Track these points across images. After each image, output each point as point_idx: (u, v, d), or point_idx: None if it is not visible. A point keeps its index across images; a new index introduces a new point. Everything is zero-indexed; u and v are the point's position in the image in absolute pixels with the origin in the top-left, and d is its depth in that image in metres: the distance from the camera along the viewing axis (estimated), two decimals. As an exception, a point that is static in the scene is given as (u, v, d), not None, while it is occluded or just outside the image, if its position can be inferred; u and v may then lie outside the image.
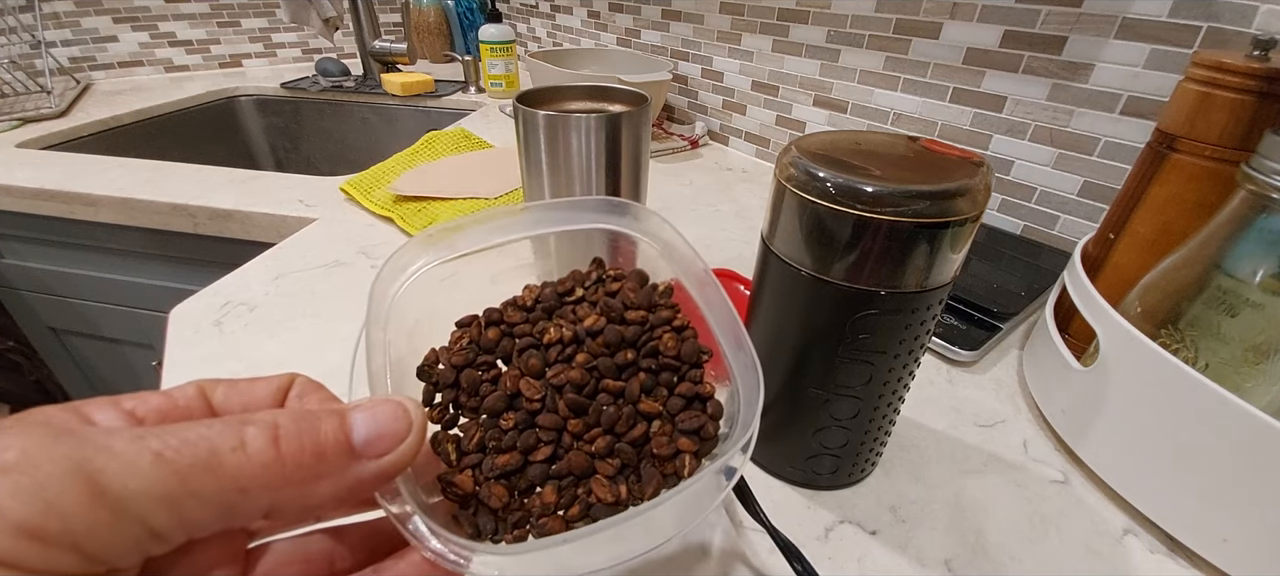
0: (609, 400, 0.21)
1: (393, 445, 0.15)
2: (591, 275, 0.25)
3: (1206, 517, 0.29)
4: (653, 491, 0.20)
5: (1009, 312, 0.47)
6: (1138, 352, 0.31)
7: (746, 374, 0.21)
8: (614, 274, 0.25)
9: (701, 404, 0.22)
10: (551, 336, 0.22)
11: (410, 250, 0.22)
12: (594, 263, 0.25)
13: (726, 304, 0.23)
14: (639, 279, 0.24)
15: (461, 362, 0.22)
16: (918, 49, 0.65)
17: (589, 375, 0.21)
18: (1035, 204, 0.61)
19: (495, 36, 1.08)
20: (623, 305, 0.22)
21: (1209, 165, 0.35)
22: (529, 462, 0.20)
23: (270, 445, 0.13)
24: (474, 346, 0.22)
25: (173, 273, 0.74)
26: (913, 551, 0.30)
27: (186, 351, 0.42)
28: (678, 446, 0.20)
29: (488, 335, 0.22)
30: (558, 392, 0.21)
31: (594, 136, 0.36)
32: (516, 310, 0.23)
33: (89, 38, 1.13)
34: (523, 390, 0.21)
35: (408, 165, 0.73)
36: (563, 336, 0.22)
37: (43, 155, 0.78)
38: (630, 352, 0.21)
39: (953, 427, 0.38)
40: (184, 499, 0.12)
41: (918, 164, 0.25)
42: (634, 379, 0.21)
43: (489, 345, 0.22)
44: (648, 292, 0.23)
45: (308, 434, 0.14)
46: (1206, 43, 0.47)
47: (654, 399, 0.21)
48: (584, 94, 0.42)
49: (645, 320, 0.22)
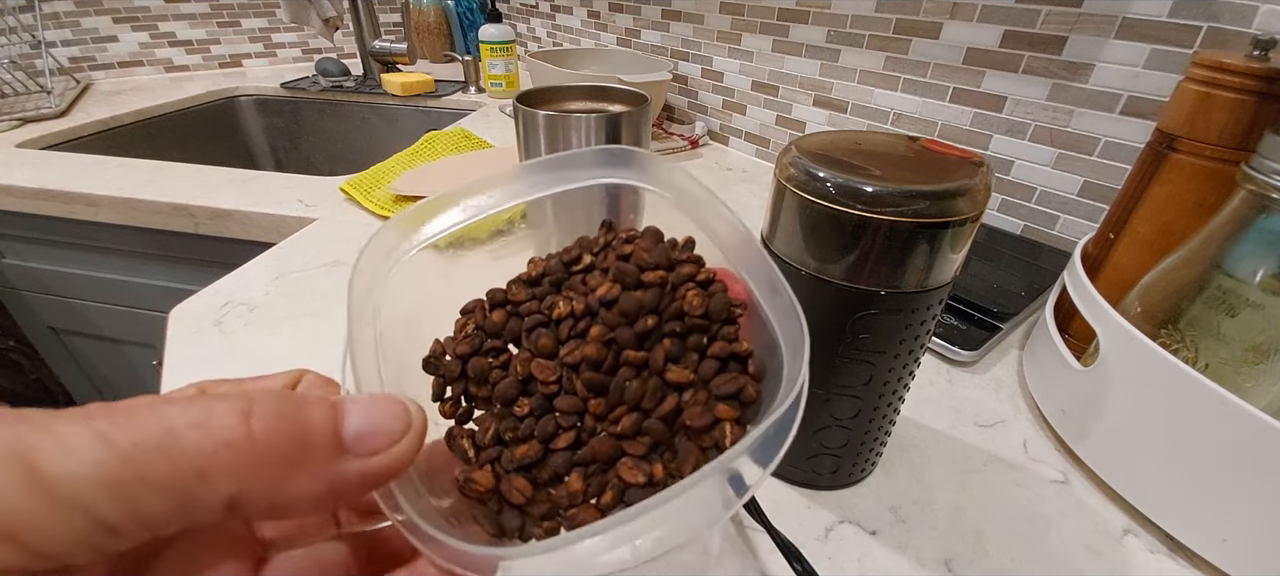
0: (631, 374, 0.19)
1: (386, 444, 0.14)
2: (599, 240, 0.22)
3: (1206, 517, 0.29)
4: (692, 466, 0.18)
5: (1009, 312, 0.47)
6: (1138, 352, 0.31)
7: (787, 321, 0.18)
8: (625, 235, 0.22)
9: (739, 363, 0.19)
10: (561, 311, 0.20)
11: (387, 236, 0.20)
12: (603, 226, 0.23)
13: (756, 246, 0.20)
14: (653, 237, 0.22)
15: (467, 351, 0.20)
16: (918, 49, 0.65)
17: (606, 349, 0.19)
18: (1035, 204, 0.61)
19: (495, 36, 1.08)
20: (637, 268, 0.20)
21: (1209, 165, 0.35)
22: (550, 451, 0.18)
23: (239, 422, 0.12)
24: (479, 332, 0.21)
25: (173, 273, 0.74)
26: (913, 551, 0.30)
27: (186, 351, 0.42)
28: (715, 414, 0.18)
29: (493, 318, 0.21)
30: (574, 371, 0.19)
31: (594, 136, 0.36)
32: (522, 287, 0.21)
33: (89, 38, 1.13)
34: (536, 373, 0.19)
35: (408, 165, 0.73)
36: (574, 309, 0.20)
37: (43, 155, 0.78)
38: (651, 319, 0.19)
39: (953, 427, 0.38)
40: (133, 484, 0.10)
41: (918, 164, 0.25)
42: (658, 347, 0.19)
43: (495, 329, 0.21)
44: (664, 249, 0.21)
45: (290, 416, 0.12)
46: (1206, 43, 0.47)
47: (684, 365, 0.19)
48: (584, 94, 0.42)
49: (665, 280, 0.20)
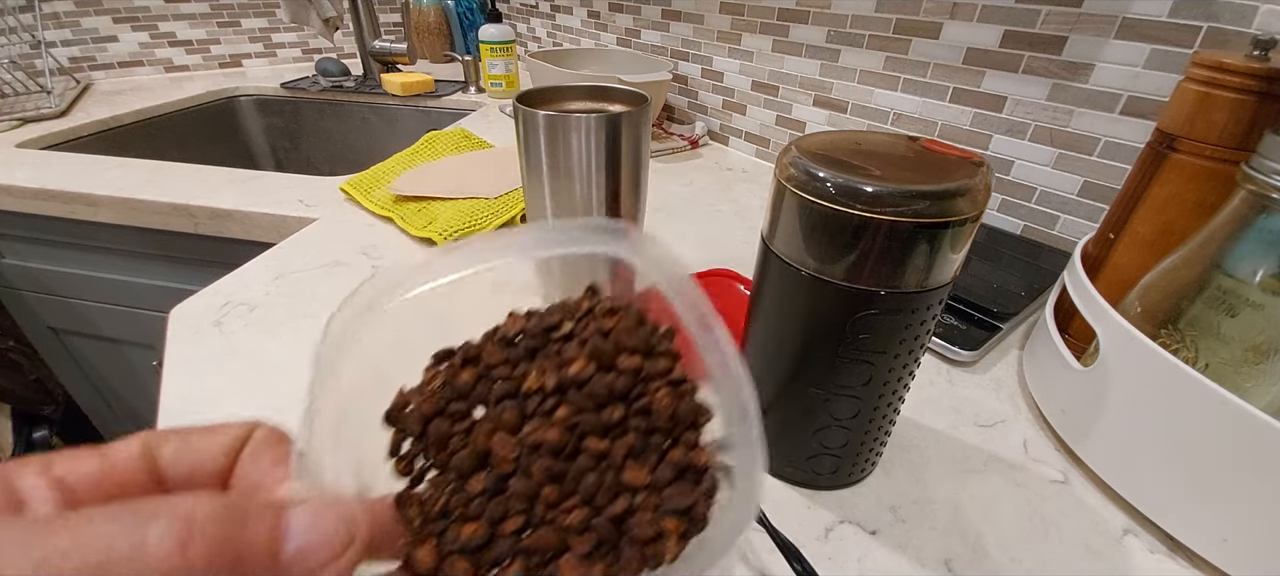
0: (591, 463, 0.18)
1: (328, 558, 0.13)
2: (583, 305, 0.22)
3: (1206, 517, 0.29)
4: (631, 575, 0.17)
5: (1009, 312, 0.47)
6: (1138, 352, 0.31)
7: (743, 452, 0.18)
8: (609, 305, 0.22)
9: (695, 477, 0.19)
10: (532, 384, 0.19)
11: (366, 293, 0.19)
12: (587, 291, 0.23)
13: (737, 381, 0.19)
14: (636, 317, 0.21)
15: (431, 410, 0.19)
16: (918, 49, 0.65)
17: (569, 434, 0.18)
18: (1035, 204, 0.61)
19: (495, 36, 1.08)
20: (615, 348, 0.20)
21: (1209, 165, 0.35)
22: (496, 535, 0.18)
23: (177, 550, 0.11)
24: (448, 389, 0.20)
25: (173, 272, 0.74)
26: (913, 551, 0.30)
27: (186, 351, 0.42)
28: (662, 526, 0.18)
29: (463, 376, 0.20)
30: (535, 452, 0.18)
31: (594, 136, 0.36)
32: (498, 347, 0.21)
33: (89, 38, 1.13)
34: (495, 448, 0.18)
35: (408, 165, 0.73)
36: (545, 385, 0.19)
37: (43, 155, 0.78)
38: (620, 409, 0.19)
39: (953, 427, 0.38)
40: None
41: (918, 164, 0.25)
42: (620, 441, 0.19)
43: (463, 389, 0.20)
44: (644, 335, 0.20)
45: (231, 539, 0.12)
46: (1206, 43, 0.47)
47: (642, 463, 0.19)
48: (584, 94, 0.42)
49: (639, 368, 0.19)
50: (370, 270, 0.52)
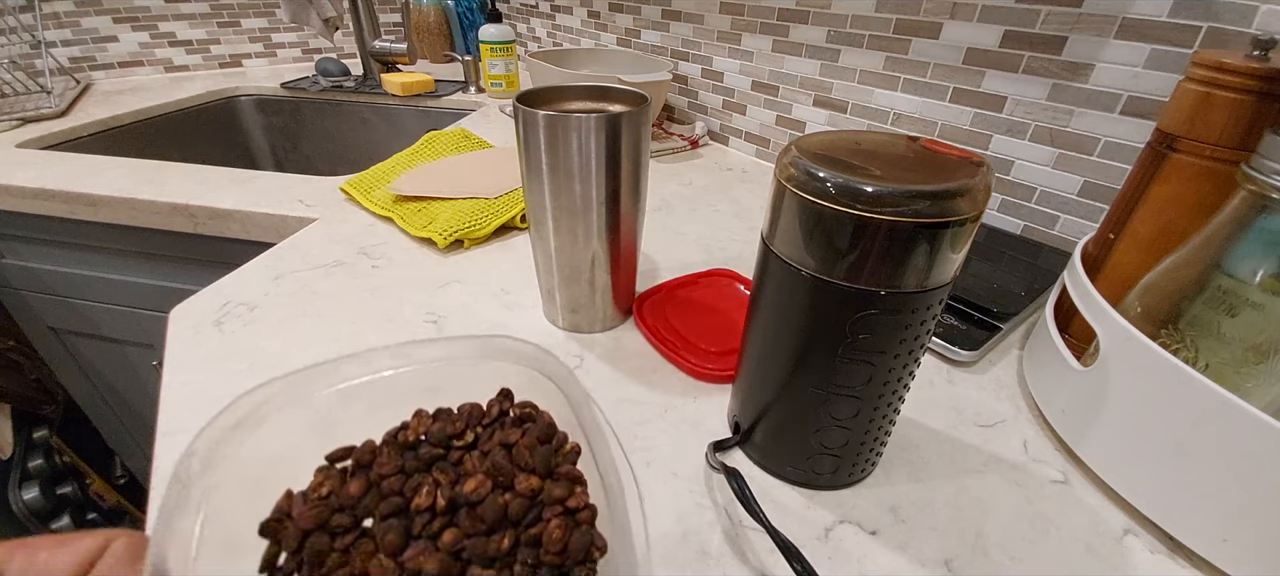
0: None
1: None
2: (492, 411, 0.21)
3: (1206, 517, 0.29)
4: None
5: (1009, 312, 0.47)
6: (1138, 353, 0.31)
7: None
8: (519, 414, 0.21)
9: None
10: (421, 502, 0.19)
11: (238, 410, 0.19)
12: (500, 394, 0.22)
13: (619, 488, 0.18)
14: (542, 432, 0.21)
15: (311, 525, 0.18)
16: (918, 49, 0.65)
17: (453, 562, 0.18)
18: (1035, 204, 0.61)
19: (495, 36, 1.08)
20: (514, 467, 0.19)
21: (1209, 165, 0.35)
22: None
23: None
24: (333, 498, 0.19)
25: (173, 273, 0.74)
26: (913, 551, 0.30)
27: (186, 351, 0.42)
28: None
29: (350, 488, 0.19)
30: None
31: (594, 136, 0.36)
32: (394, 453, 0.20)
33: (89, 38, 1.13)
34: (372, 574, 0.18)
35: (407, 165, 0.73)
36: (436, 503, 0.19)
37: (43, 155, 0.78)
38: (508, 538, 0.18)
39: (953, 427, 0.38)
40: None
41: (918, 164, 0.25)
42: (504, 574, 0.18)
43: (349, 502, 0.19)
44: (546, 454, 0.20)
45: None
46: (1206, 43, 0.47)
47: None
48: (584, 94, 0.42)
49: (537, 492, 0.19)
50: (370, 270, 0.52)
